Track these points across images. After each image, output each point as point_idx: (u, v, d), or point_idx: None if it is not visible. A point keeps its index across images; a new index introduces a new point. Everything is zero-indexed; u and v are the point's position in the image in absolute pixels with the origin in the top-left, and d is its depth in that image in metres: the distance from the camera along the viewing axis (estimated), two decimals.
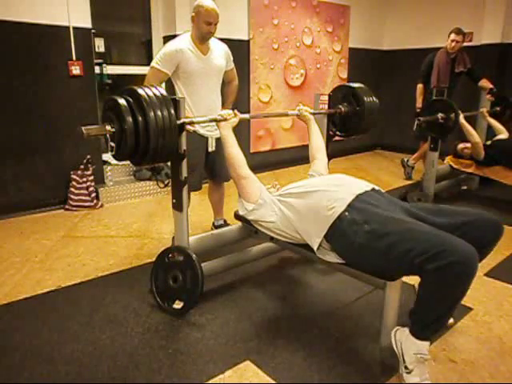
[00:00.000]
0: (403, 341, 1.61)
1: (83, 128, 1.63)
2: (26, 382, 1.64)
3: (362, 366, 1.72)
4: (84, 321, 2.03)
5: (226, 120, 2.06)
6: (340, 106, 2.64)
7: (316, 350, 1.82)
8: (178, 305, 2.07)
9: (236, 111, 2.12)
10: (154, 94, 1.74)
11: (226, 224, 3.00)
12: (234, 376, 1.67)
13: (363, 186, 1.87)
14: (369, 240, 1.63)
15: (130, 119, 1.68)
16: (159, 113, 1.71)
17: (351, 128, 2.70)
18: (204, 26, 2.47)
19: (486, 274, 2.53)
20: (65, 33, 3.55)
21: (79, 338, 1.90)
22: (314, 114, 2.52)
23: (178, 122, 1.85)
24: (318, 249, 1.80)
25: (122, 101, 1.70)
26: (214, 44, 2.66)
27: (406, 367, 1.59)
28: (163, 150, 1.76)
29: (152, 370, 1.70)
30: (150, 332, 1.95)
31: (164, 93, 1.80)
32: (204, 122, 2.19)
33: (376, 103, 2.63)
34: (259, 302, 2.25)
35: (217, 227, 2.98)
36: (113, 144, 1.71)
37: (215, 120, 2.08)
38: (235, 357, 1.77)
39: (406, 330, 1.61)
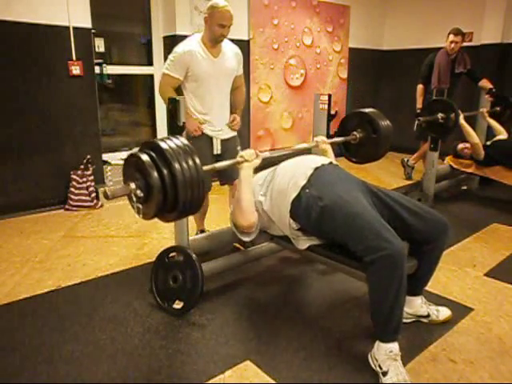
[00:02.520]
0: (375, 351, 1.67)
1: (106, 189, 1.51)
2: (25, 381, 1.64)
3: (362, 365, 1.71)
4: (84, 321, 2.03)
5: (247, 161, 1.97)
6: (355, 133, 2.55)
7: (316, 350, 1.82)
8: (178, 305, 2.07)
9: (257, 151, 2.03)
10: (176, 145, 1.55)
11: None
12: (233, 376, 1.67)
13: (320, 160, 2.01)
14: (321, 216, 1.76)
15: (155, 174, 1.48)
16: (185, 164, 1.52)
17: (367, 154, 2.67)
18: (217, 28, 2.35)
19: (486, 274, 2.53)
20: (65, 33, 3.54)
21: (79, 338, 1.90)
22: (330, 143, 2.46)
23: (178, 123, 1.82)
24: (293, 238, 1.93)
25: (145, 157, 1.51)
26: (226, 45, 2.54)
27: (381, 371, 1.61)
28: (193, 202, 1.56)
29: (152, 370, 1.70)
30: (150, 332, 1.95)
31: (185, 142, 1.60)
32: (226, 166, 2.03)
33: (390, 126, 2.53)
34: (259, 301, 2.25)
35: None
36: (140, 205, 1.54)
37: (237, 162, 1.98)
38: (235, 357, 1.78)
39: (376, 342, 1.67)
